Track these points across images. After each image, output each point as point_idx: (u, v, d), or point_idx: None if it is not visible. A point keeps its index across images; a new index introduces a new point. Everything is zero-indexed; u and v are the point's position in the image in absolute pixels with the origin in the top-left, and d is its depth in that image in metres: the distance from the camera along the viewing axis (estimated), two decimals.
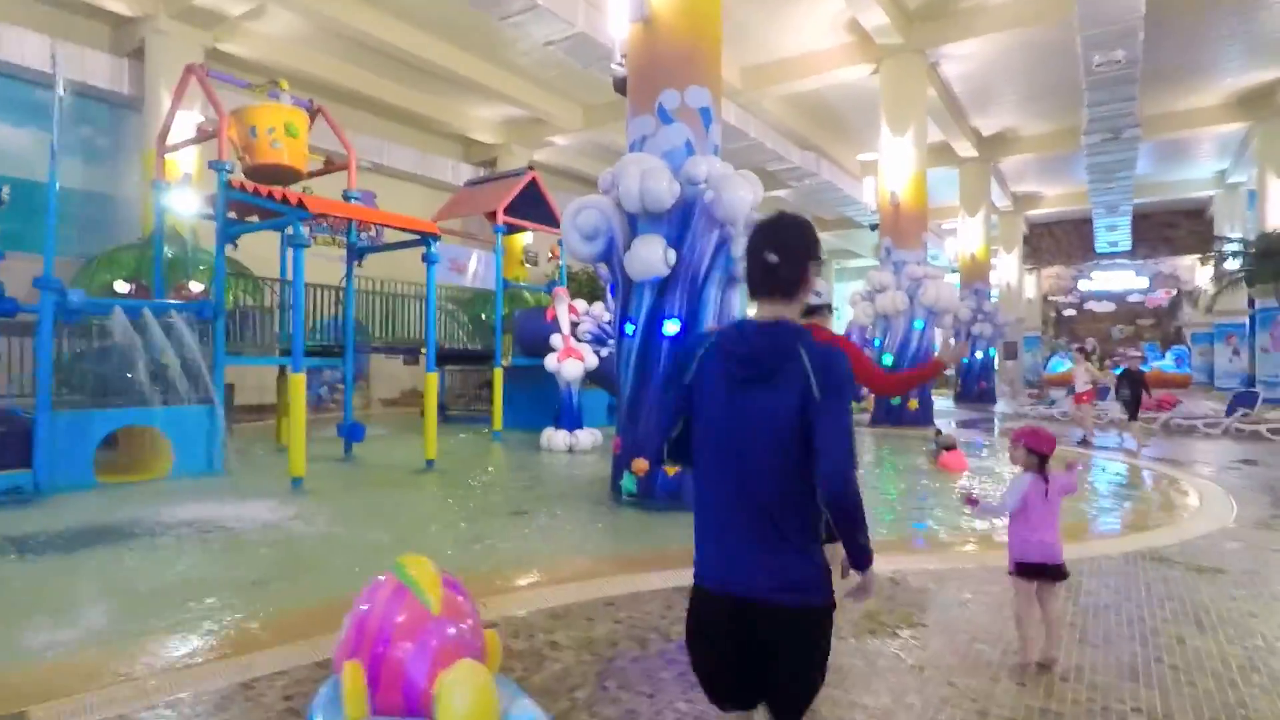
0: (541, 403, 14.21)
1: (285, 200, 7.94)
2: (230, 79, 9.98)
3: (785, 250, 1.75)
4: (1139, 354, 11.79)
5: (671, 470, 6.93)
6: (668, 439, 1.91)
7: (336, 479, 8.60)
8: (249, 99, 9.98)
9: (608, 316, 12.17)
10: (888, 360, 15.10)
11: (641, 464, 7.02)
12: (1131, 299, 35.30)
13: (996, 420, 17.68)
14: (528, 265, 21.43)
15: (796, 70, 16.82)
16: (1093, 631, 3.68)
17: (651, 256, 6.69)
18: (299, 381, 7.71)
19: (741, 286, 7.35)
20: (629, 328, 7.23)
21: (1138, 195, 25.84)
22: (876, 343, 15.42)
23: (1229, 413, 13.18)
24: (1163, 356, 31.56)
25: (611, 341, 11.77)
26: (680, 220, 6.95)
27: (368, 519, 6.44)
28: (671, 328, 6.97)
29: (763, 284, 1.76)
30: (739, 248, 6.92)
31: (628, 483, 7.15)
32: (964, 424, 16.77)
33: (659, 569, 4.74)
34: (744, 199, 6.69)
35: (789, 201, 28.29)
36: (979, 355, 22.46)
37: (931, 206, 30.41)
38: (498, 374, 12.96)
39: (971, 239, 22.95)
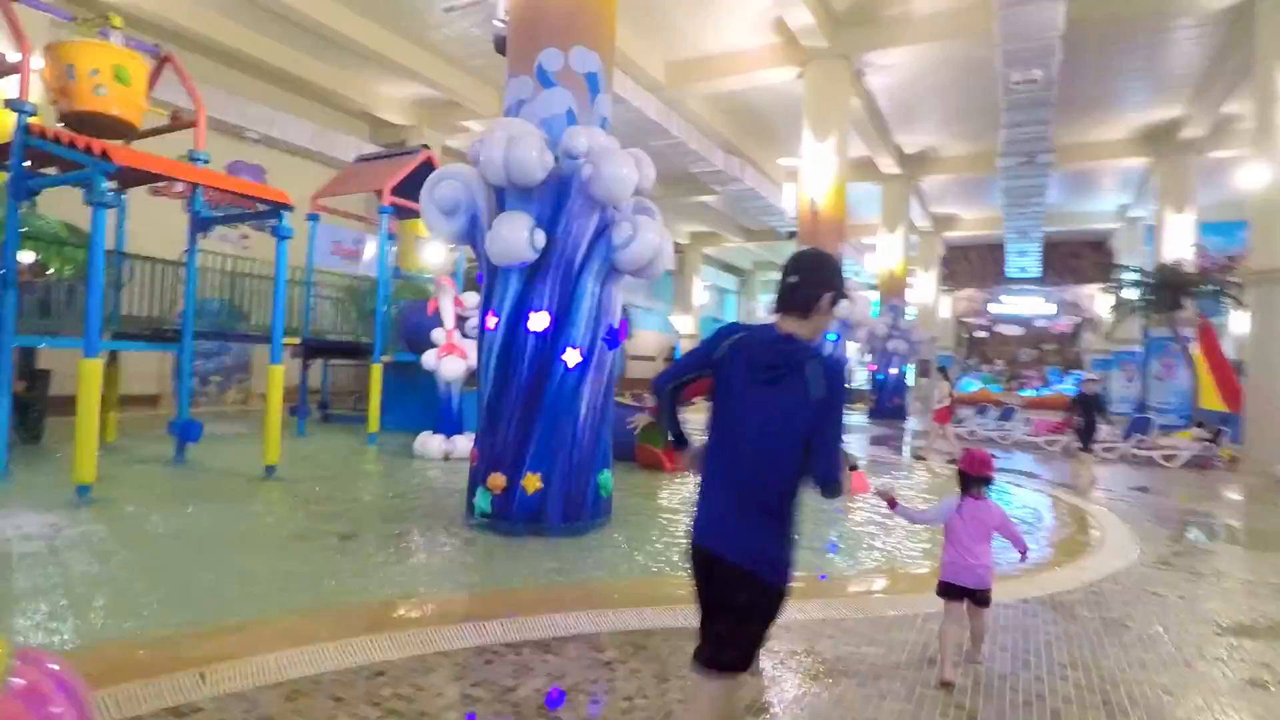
0: (429, 404, 13.02)
1: (89, 150, 6.61)
2: (48, 7, 8.48)
3: (806, 275, 2.09)
4: (1095, 376, 11.73)
5: (533, 489, 5.99)
6: (677, 381, 2.21)
7: (146, 487, 7.27)
8: (74, 35, 8.50)
9: None
10: None
11: (498, 480, 6.04)
12: (1038, 324, 36.54)
13: (907, 437, 17.51)
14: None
15: (721, 68, 16.22)
16: (984, 717, 2.95)
17: (515, 237, 5.74)
18: (90, 369, 6.38)
19: (622, 280, 6.50)
20: (491, 320, 6.25)
21: (1047, 224, 26.59)
22: None
23: (1125, 437, 13.23)
24: (1063, 380, 32.68)
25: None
26: (554, 198, 6.04)
27: (146, 543, 5.23)
28: (538, 322, 6.04)
29: (782, 300, 2.10)
30: (622, 234, 6.06)
31: (481, 501, 6.17)
32: (875, 440, 16.50)
33: (483, 618, 3.79)
34: (625, 177, 5.84)
35: (714, 208, 27.88)
36: (893, 372, 22.44)
37: (854, 222, 30.66)
38: (375, 371, 11.71)
39: (890, 256, 22.97)
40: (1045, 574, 5.28)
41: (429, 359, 10.16)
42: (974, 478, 3.32)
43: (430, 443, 10.14)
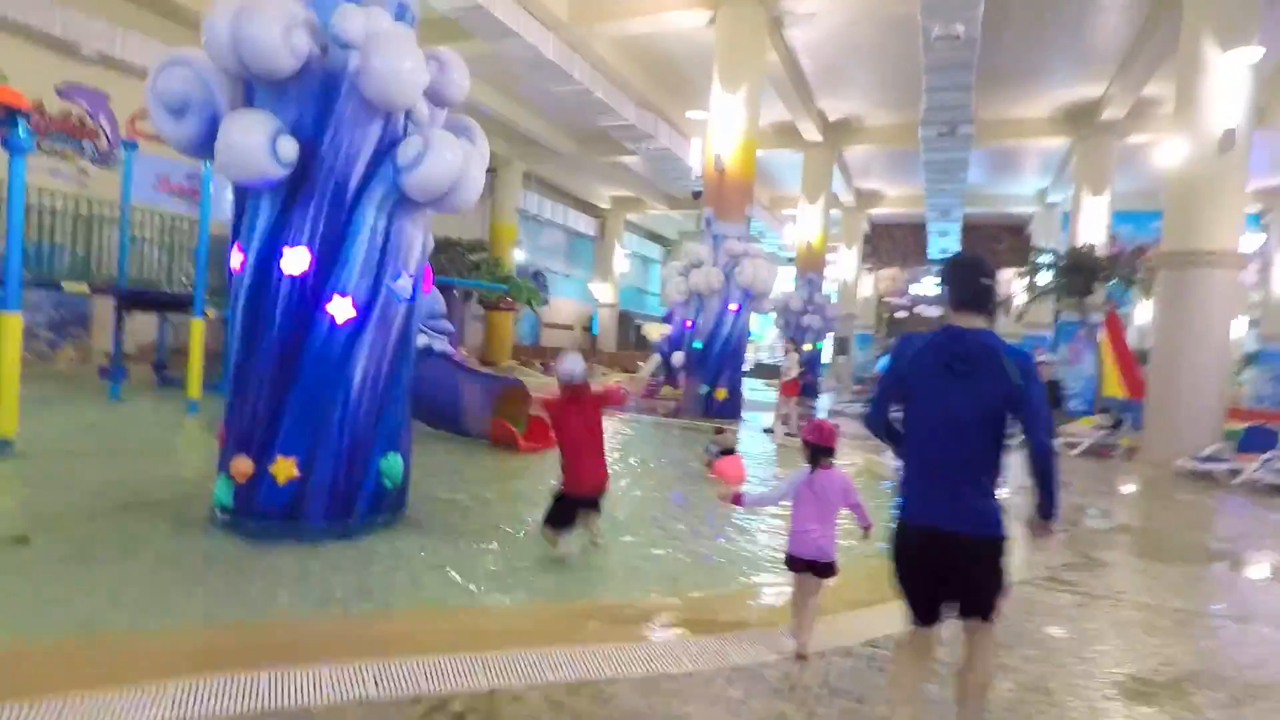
0: None
1: None
2: None
3: (995, 279, 2.53)
4: (1048, 359, 9.88)
5: (285, 477, 4.60)
6: (888, 410, 2.61)
7: None
8: None
9: None
10: (699, 343, 13.49)
11: (243, 465, 4.63)
12: (989, 308, 36.72)
13: (824, 415, 16.76)
14: None
15: (629, 7, 14.73)
16: None
17: (247, 144, 4.28)
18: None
19: (423, 216, 5.11)
20: (236, 258, 4.78)
21: (968, 205, 26.30)
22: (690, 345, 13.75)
23: None
24: None
25: None
26: (319, 99, 4.58)
27: None
28: (295, 262, 4.61)
29: (974, 301, 2.45)
30: (409, 151, 4.66)
31: (221, 492, 4.75)
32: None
33: (136, 679, 2.47)
34: (405, 75, 4.43)
35: (635, 171, 26.42)
36: (807, 348, 21.69)
37: (777, 192, 29.86)
38: (197, 326, 9.97)
39: (810, 227, 22.11)
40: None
41: None
42: (822, 449, 3.30)
43: None
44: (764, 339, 36.72)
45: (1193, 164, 10.70)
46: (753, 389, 21.59)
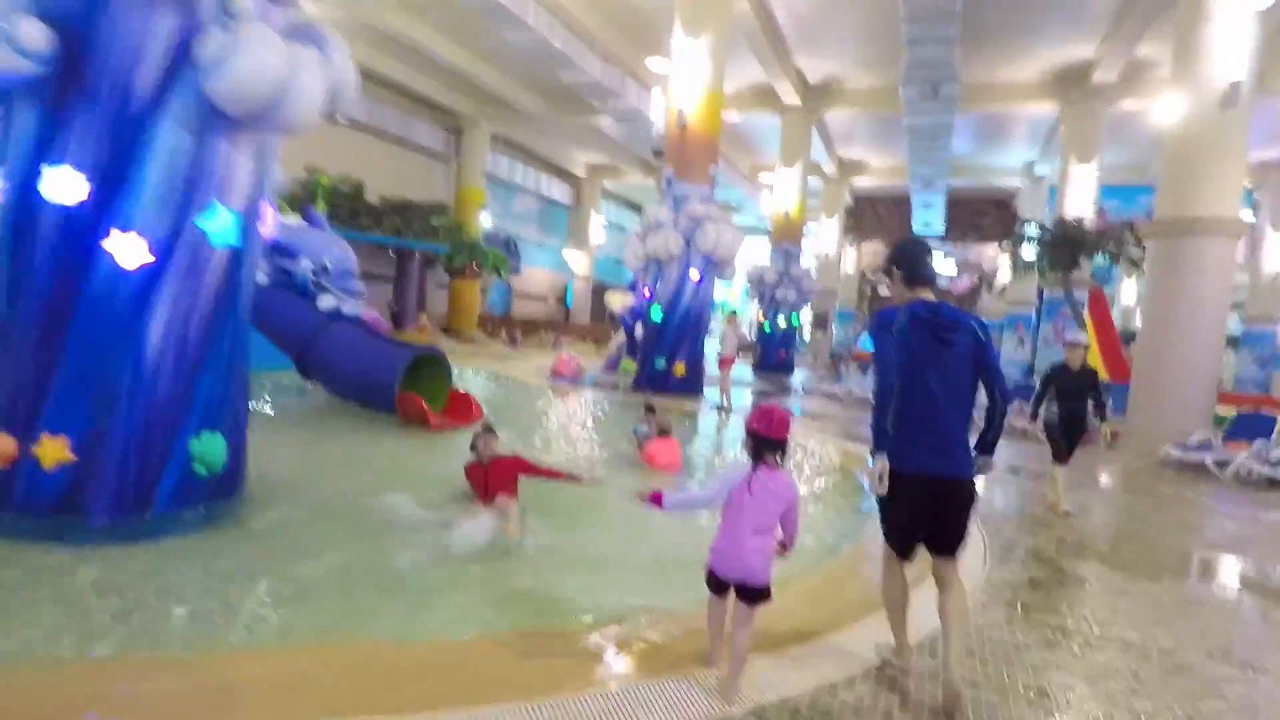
0: None
1: None
2: None
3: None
4: (1078, 338, 6.08)
5: (54, 461, 3.62)
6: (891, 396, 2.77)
7: None
8: None
9: None
10: (657, 312, 12.51)
11: (4, 445, 3.64)
12: (939, 283, 35.95)
13: (791, 393, 15.89)
14: None
15: None
16: None
17: None
18: None
19: (251, 137, 4.08)
20: None
21: (953, 177, 25.35)
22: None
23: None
24: None
25: None
26: None
27: None
28: (61, 186, 3.57)
29: (931, 277, 2.89)
30: (212, 47, 3.61)
31: None
32: (758, 395, 14.82)
33: None
34: None
35: (611, 137, 25.14)
36: (781, 322, 20.81)
37: (756, 160, 28.73)
38: None
39: (787, 195, 21.07)
40: (845, 631, 3.34)
41: None
42: (770, 441, 2.67)
43: None
44: (745, 314, 35.83)
45: (1191, 122, 9.77)
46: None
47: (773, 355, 20.79)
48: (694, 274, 12.29)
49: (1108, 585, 4.27)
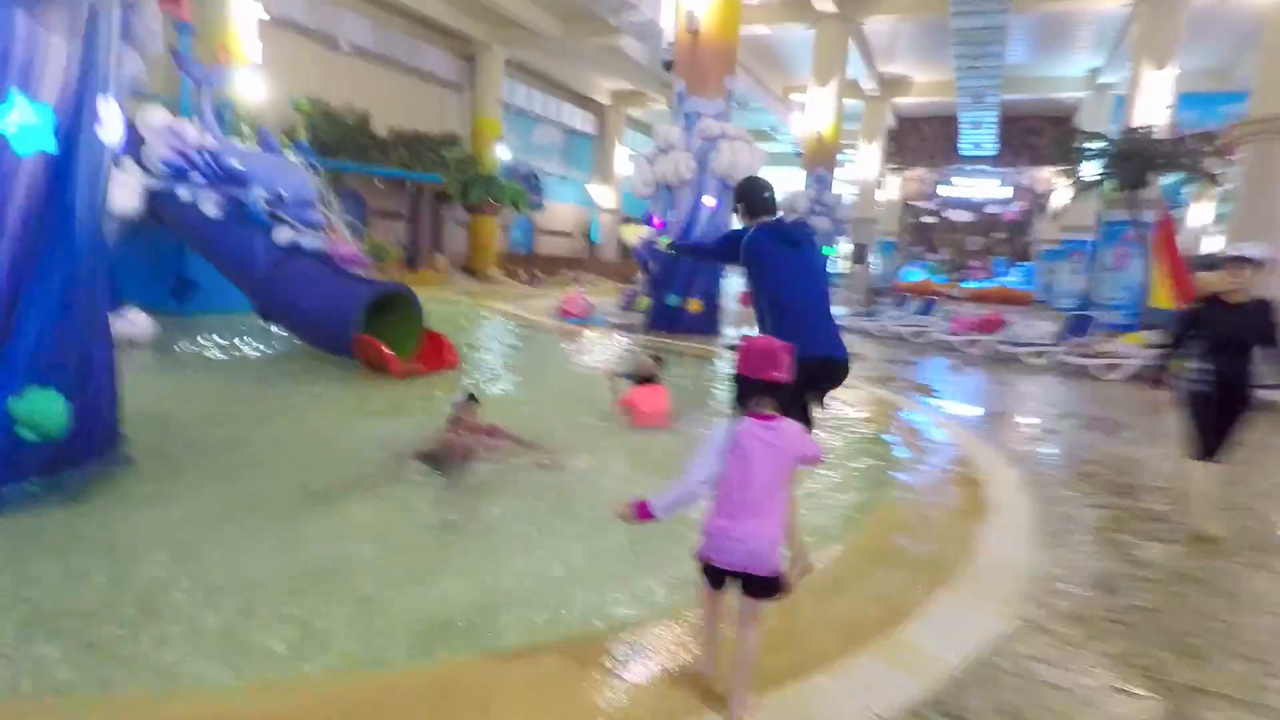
0: (160, 265, 9.67)
1: None
2: None
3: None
4: (1252, 253, 3.39)
5: None
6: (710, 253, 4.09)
7: None
8: None
9: (207, 141, 7.58)
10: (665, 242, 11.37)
11: None
12: (989, 210, 33.64)
13: None
14: None
15: None
16: None
17: None
18: None
19: (59, 12, 3.11)
20: None
21: (1007, 90, 23.08)
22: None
23: (1061, 339, 10.60)
24: (1009, 272, 30.24)
25: (195, 177, 7.32)
26: None
27: None
28: None
29: (772, 205, 3.58)
30: None
31: None
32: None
33: None
34: None
35: (635, 61, 23.36)
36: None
37: (789, 81, 26.66)
38: None
39: (820, 116, 19.35)
40: (877, 638, 2.44)
41: None
42: (757, 384, 2.11)
43: None
44: None
45: None
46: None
47: None
48: (708, 200, 11.10)
49: (1197, 594, 3.24)
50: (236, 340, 7.91)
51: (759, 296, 3.44)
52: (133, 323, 7.14)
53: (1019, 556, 3.44)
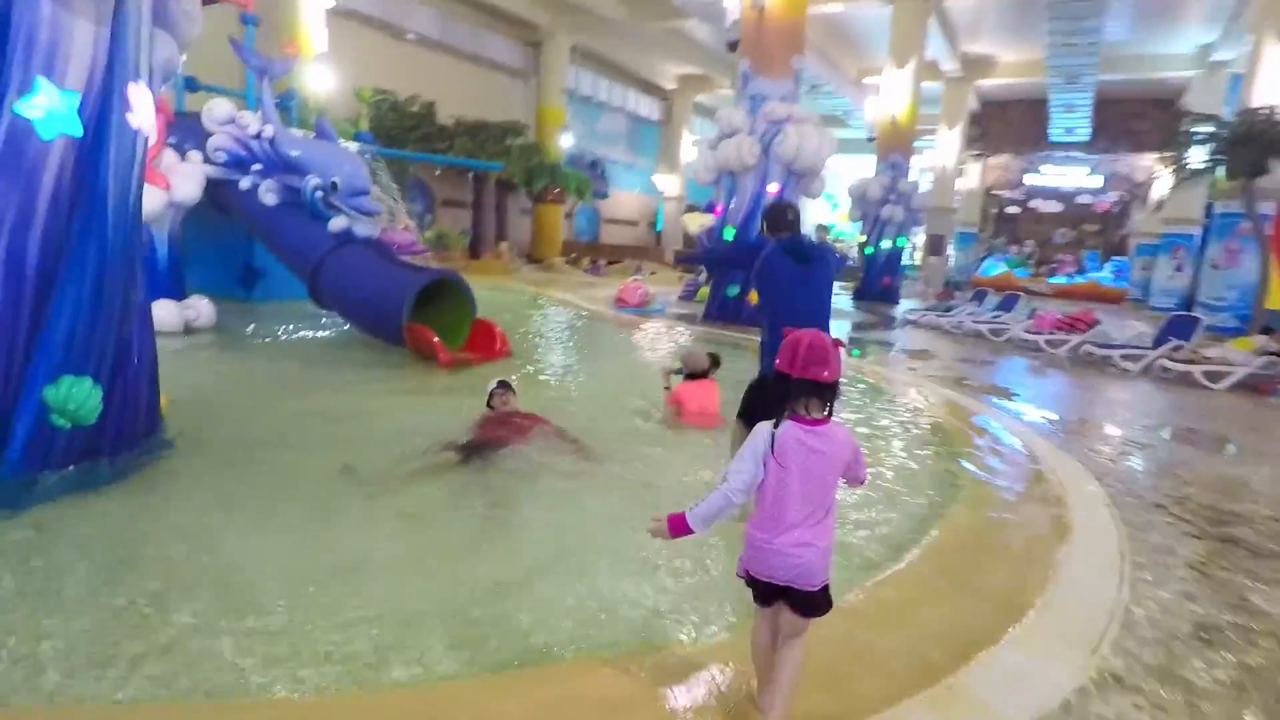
0: (228, 254, 9.96)
1: None
2: None
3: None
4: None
5: None
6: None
7: None
8: None
9: (266, 130, 7.68)
10: (730, 233, 11.04)
11: None
12: (1080, 200, 31.60)
13: (890, 325, 14.04)
14: None
15: None
16: None
17: None
18: None
19: (131, 14, 3.04)
20: None
21: (1105, 70, 21.48)
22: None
23: (1158, 343, 9.72)
24: (1101, 268, 28.36)
25: (257, 168, 7.42)
26: None
27: None
28: None
29: (797, 224, 3.74)
30: None
31: None
32: (861, 325, 13.22)
33: None
34: None
35: (703, 46, 22.88)
36: (886, 245, 18.59)
37: (865, 62, 25.55)
38: None
39: (895, 98, 18.43)
40: (930, 691, 2.14)
41: None
42: (802, 384, 1.92)
43: None
44: (852, 236, 33.09)
45: None
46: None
47: (875, 282, 18.69)
48: (772, 187, 10.65)
49: None
50: (294, 327, 8.03)
51: (765, 306, 3.63)
52: (194, 309, 7.30)
53: (1102, 593, 3.01)
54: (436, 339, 6.56)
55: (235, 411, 4.79)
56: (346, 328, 7.74)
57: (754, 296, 11.19)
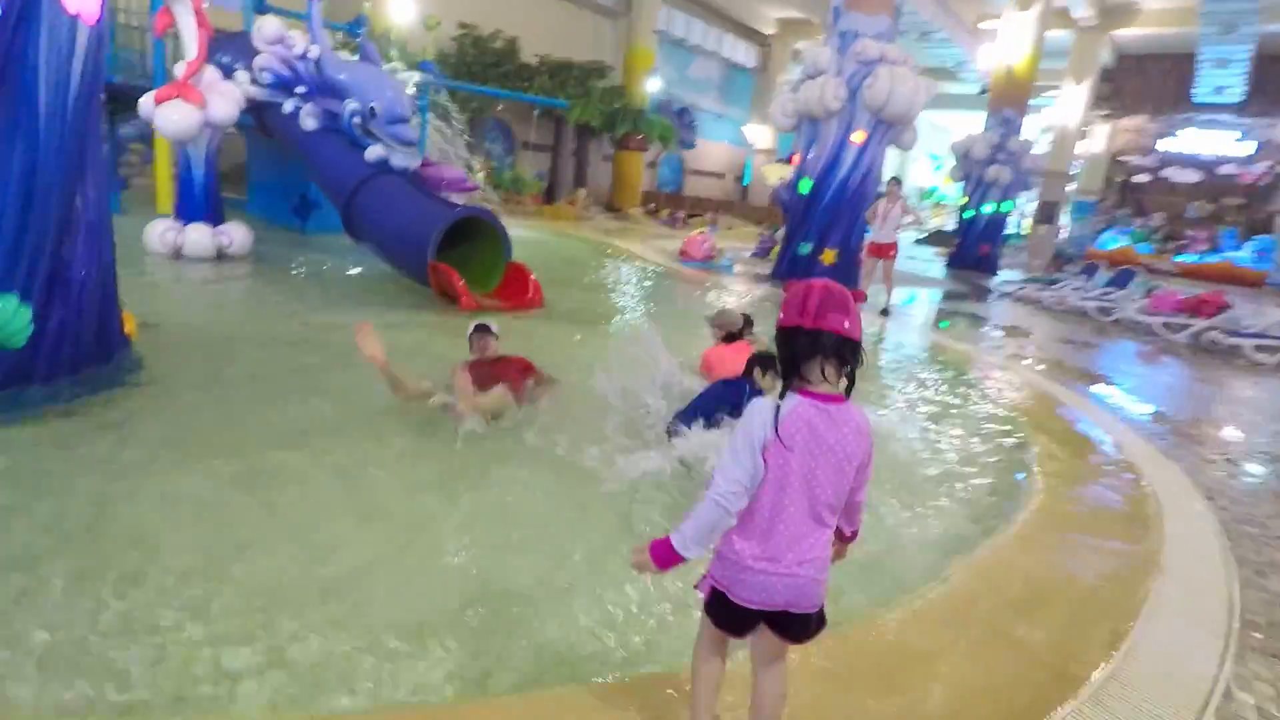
0: (286, 184, 9.85)
1: None
2: None
3: None
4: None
5: None
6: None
7: None
8: None
9: (312, 50, 7.33)
10: (807, 185, 10.10)
11: None
12: (1223, 170, 28.08)
13: (984, 298, 12.73)
14: None
15: None
16: None
17: None
18: None
19: None
20: None
21: (1268, 19, 18.57)
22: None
23: None
24: (1239, 247, 25.25)
25: (301, 90, 7.14)
26: None
27: None
28: None
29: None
30: None
31: None
32: (951, 295, 12.11)
33: None
34: None
35: None
36: (988, 209, 16.94)
37: (979, 8, 23.10)
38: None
39: (1013, 45, 16.52)
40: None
41: (144, 104, 6.65)
42: (821, 339, 1.47)
43: (168, 235, 6.97)
44: (950, 196, 30.75)
45: None
46: (914, 258, 17.60)
47: (973, 249, 17.13)
48: (856, 136, 9.58)
49: None
50: (335, 262, 7.78)
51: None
52: (228, 235, 7.13)
53: (1196, 666, 2.26)
54: (461, 281, 6.12)
55: (222, 344, 4.50)
56: (381, 265, 7.43)
57: (828, 256, 10.34)
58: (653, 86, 22.96)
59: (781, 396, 1.50)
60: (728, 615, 1.57)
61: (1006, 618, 2.40)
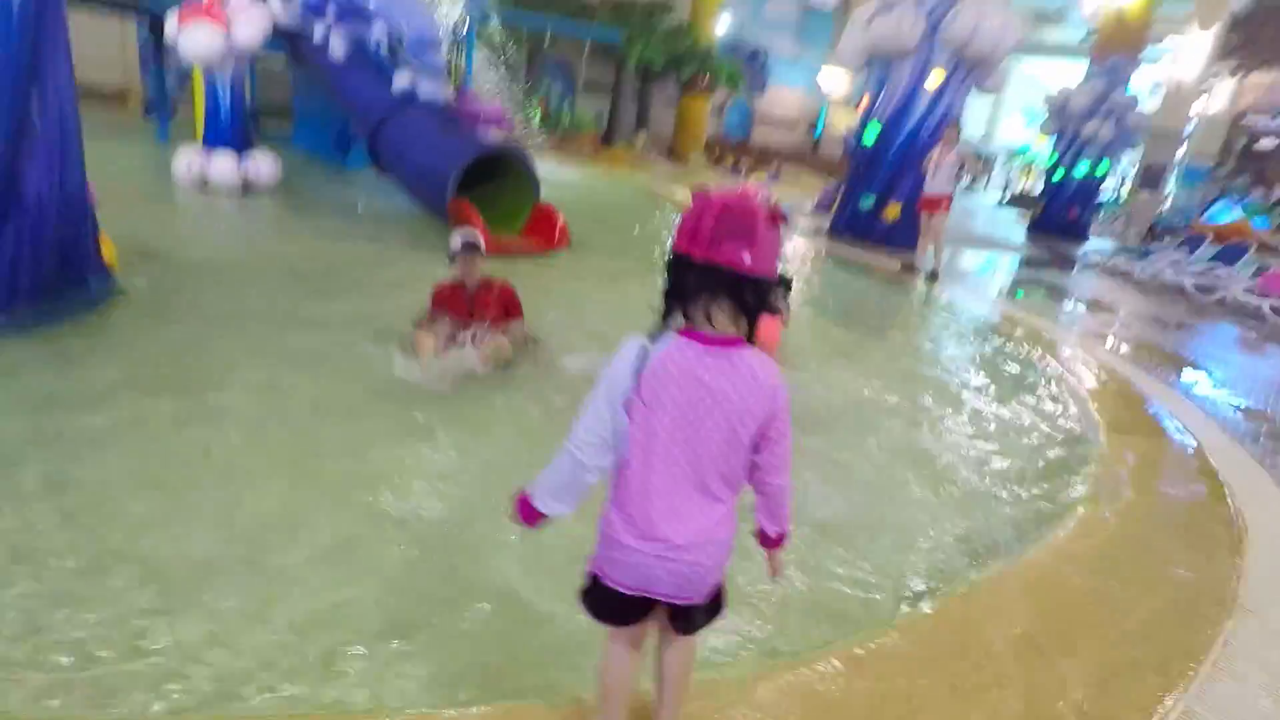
0: (329, 118, 9.65)
1: None
2: None
3: None
4: None
5: None
6: None
7: None
8: None
9: None
10: (874, 131, 9.29)
11: None
12: None
13: (1067, 268, 11.63)
14: None
15: None
16: None
17: None
18: None
19: None
20: None
21: None
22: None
23: None
24: None
25: (331, 13, 6.83)
26: None
27: None
28: None
29: None
30: None
31: None
32: (1030, 263, 11.17)
33: None
34: None
35: None
36: (1081, 169, 15.50)
37: None
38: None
39: None
40: None
41: (169, 26, 6.44)
42: (710, 272, 1.18)
43: (195, 164, 6.84)
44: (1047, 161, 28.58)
45: None
46: (995, 221, 16.38)
47: (1060, 213, 15.76)
48: (934, 78, 8.67)
49: None
50: (366, 198, 7.52)
51: None
52: (254, 165, 6.93)
53: None
54: (481, 220, 5.77)
55: (215, 277, 4.29)
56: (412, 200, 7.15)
57: (891, 212, 9.55)
58: (722, 26, 21.78)
59: (667, 336, 1.21)
60: (604, 601, 1.33)
61: (1041, 656, 1.93)
